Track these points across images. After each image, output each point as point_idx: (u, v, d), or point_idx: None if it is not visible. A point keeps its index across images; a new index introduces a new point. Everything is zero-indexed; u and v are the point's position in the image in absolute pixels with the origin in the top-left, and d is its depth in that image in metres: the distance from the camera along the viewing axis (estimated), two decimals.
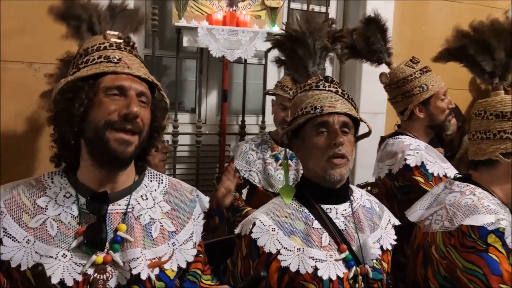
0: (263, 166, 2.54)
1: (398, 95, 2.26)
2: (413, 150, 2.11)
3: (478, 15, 3.95)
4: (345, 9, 3.58)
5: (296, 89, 1.57)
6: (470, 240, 1.41)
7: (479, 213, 1.44)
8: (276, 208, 1.45)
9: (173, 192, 1.36)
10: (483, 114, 1.62)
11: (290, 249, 1.35)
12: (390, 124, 3.24)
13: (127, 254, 1.18)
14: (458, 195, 1.55)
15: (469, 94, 3.99)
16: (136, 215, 1.25)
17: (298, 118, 1.47)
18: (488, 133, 1.59)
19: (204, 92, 3.23)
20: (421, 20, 3.64)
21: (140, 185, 1.31)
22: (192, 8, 2.83)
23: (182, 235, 1.30)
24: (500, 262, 1.38)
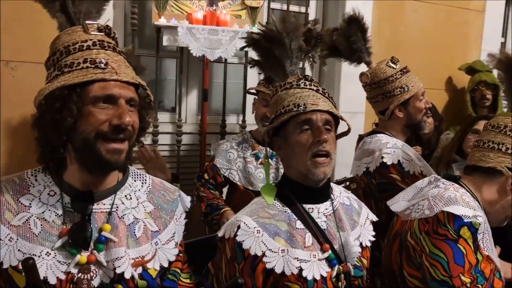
0: (244, 165, 2.55)
1: (378, 95, 2.28)
2: (390, 149, 2.14)
3: (453, 16, 4.06)
4: (324, 9, 3.60)
5: (276, 88, 1.55)
6: (444, 228, 1.46)
7: (459, 204, 1.49)
8: (259, 209, 1.44)
9: (156, 192, 1.36)
10: (502, 127, 1.67)
11: (275, 251, 1.35)
12: (369, 124, 3.28)
13: (111, 253, 1.19)
14: (442, 190, 1.60)
15: (446, 93, 4.07)
16: (120, 215, 1.25)
17: (280, 116, 1.46)
18: (500, 145, 1.64)
19: (184, 91, 3.22)
20: (399, 21, 3.70)
21: (125, 185, 1.31)
22: (172, 7, 2.82)
23: (165, 235, 1.31)
24: (466, 254, 1.43)
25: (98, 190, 1.24)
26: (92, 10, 1.31)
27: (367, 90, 2.36)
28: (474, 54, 4.05)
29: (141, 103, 1.26)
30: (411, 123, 2.28)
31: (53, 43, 1.25)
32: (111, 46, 1.23)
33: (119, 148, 1.17)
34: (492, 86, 3.65)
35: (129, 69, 1.24)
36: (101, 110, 1.15)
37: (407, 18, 3.76)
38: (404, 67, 2.27)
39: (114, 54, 1.22)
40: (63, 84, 1.14)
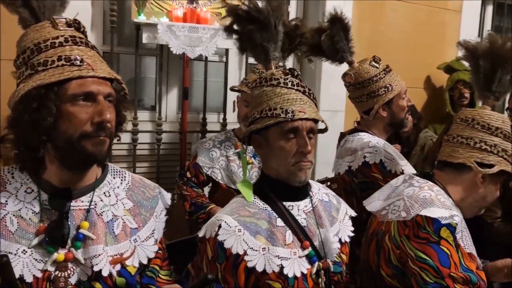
0: (226, 163, 2.54)
1: (363, 95, 2.28)
2: (372, 148, 2.16)
3: (431, 16, 4.11)
4: (305, 8, 3.61)
5: (260, 80, 1.50)
6: (424, 231, 1.47)
7: (435, 206, 1.50)
8: (239, 207, 1.43)
9: (135, 189, 1.36)
10: (470, 121, 1.67)
11: (256, 249, 1.35)
12: (349, 122, 3.30)
13: (89, 250, 1.18)
14: (416, 189, 1.60)
15: (424, 92, 4.12)
16: (99, 212, 1.24)
17: (266, 119, 1.43)
18: (469, 140, 1.65)
19: (164, 89, 3.19)
20: (379, 20, 3.73)
21: (104, 182, 1.30)
22: (152, 5, 2.79)
23: (144, 232, 1.31)
24: (450, 254, 1.45)
25: (77, 188, 1.23)
26: (56, 3, 1.28)
27: (351, 90, 2.36)
28: (452, 53, 4.11)
29: (117, 97, 1.26)
30: (395, 121, 2.30)
31: (20, 40, 1.22)
32: (83, 42, 1.21)
33: (103, 139, 1.17)
34: (470, 85, 3.70)
35: (104, 64, 1.23)
36: (81, 109, 1.14)
37: (387, 18, 3.80)
38: (387, 66, 2.28)
39: (87, 49, 1.21)
40: (40, 83, 1.12)
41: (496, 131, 1.63)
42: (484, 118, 1.65)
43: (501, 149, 1.62)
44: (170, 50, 2.78)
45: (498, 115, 1.67)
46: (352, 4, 3.52)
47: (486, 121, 1.65)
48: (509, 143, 1.63)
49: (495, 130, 1.63)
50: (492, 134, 1.63)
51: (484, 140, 1.63)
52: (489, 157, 1.61)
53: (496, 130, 1.63)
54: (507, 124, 1.66)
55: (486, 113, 1.67)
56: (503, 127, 1.64)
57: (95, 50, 1.24)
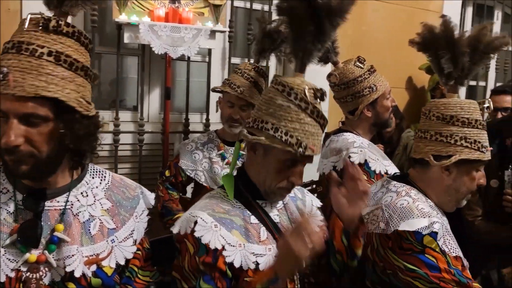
0: (209, 165, 2.51)
1: (348, 95, 2.28)
2: (357, 148, 2.17)
3: (413, 17, 4.15)
4: None
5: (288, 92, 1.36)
6: (407, 242, 1.46)
7: (414, 217, 1.48)
8: (213, 204, 1.41)
9: (115, 189, 1.35)
10: (427, 113, 1.65)
11: (233, 245, 1.34)
12: (333, 122, 3.30)
13: (62, 251, 1.18)
14: (394, 196, 1.59)
15: (406, 92, 4.16)
16: (75, 212, 1.23)
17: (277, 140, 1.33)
18: (426, 133, 1.62)
19: (147, 89, 3.16)
20: (361, 20, 3.75)
21: (81, 182, 1.29)
22: (134, 4, 2.76)
23: (122, 232, 1.30)
24: (436, 260, 1.44)
25: (52, 188, 1.22)
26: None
27: (336, 91, 2.36)
28: None
29: (62, 116, 1.13)
30: (379, 121, 2.32)
31: None
32: (29, 49, 1.10)
33: (17, 159, 1.10)
34: None
35: (43, 77, 1.09)
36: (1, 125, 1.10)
37: (369, 18, 3.82)
38: (371, 67, 2.29)
39: (27, 60, 1.09)
40: None
41: (451, 120, 1.58)
42: (440, 108, 1.61)
43: (459, 137, 1.56)
44: (152, 50, 2.75)
45: (456, 102, 1.61)
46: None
47: (440, 111, 1.61)
48: (470, 129, 1.57)
49: (450, 119, 1.58)
50: (448, 123, 1.58)
51: (439, 131, 1.59)
52: (446, 148, 1.57)
53: (451, 119, 1.58)
54: (469, 109, 1.59)
55: (442, 102, 1.62)
56: (459, 114, 1.58)
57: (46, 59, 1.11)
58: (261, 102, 1.42)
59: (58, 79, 1.12)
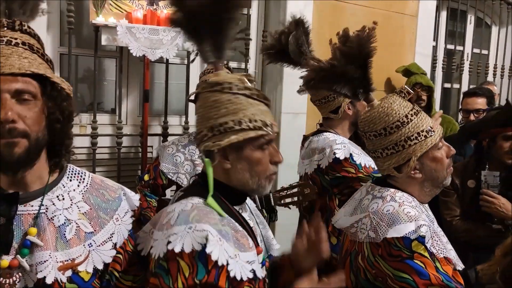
0: (192, 168, 2.50)
1: (329, 94, 2.33)
2: (340, 144, 2.22)
3: (390, 20, 4.21)
4: (266, 11, 3.63)
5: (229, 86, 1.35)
6: (396, 249, 1.46)
7: (401, 222, 1.48)
8: (207, 214, 1.30)
9: (94, 192, 1.31)
10: (364, 135, 1.66)
11: (232, 257, 1.26)
12: (310, 124, 3.34)
13: (35, 257, 1.15)
14: (380, 202, 1.59)
15: (385, 94, 4.20)
16: (50, 216, 1.20)
17: (247, 131, 1.33)
18: (376, 152, 1.64)
19: (125, 92, 3.14)
20: (339, 23, 3.79)
21: (57, 185, 1.25)
22: (111, 6, 2.74)
23: (101, 236, 1.27)
24: (425, 266, 1.44)
25: (26, 191, 1.19)
26: None
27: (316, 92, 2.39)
28: (409, 57, 4.22)
29: (48, 93, 1.18)
30: (357, 120, 2.36)
31: None
32: (3, 40, 1.16)
33: (11, 141, 1.10)
34: (427, 88, 3.83)
35: (26, 59, 1.15)
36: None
37: (347, 21, 3.86)
38: None
39: (7, 48, 1.15)
40: None
41: (385, 131, 1.58)
42: (370, 125, 1.61)
43: (403, 140, 1.56)
44: (130, 52, 2.73)
45: (379, 112, 1.59)
46: (312, 7, 3.56)
47: (372, 129, 1.61)
48: (406, 127, 1.56)
49: (384, 131, 1.58)
50: (386, 135, 1.58)
51: (384, 146, 1.60)
52: (401, 156, 1.58)
53: (385, 131, 1.58)
54: (392, 111, 1.58)
55: (367, 120, 1.62)
56: (389, 122, 1.57)
57: (23, 47, 1.18)
58: (206, 111, 1.37)
59: (37, 63, 1.18)
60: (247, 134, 1.33)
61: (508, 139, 2.41)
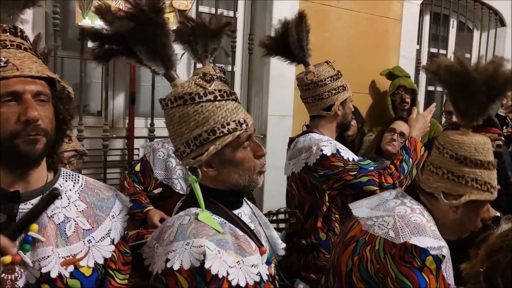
0: (184, 172, 2.50)
1: (324, 92, 2.35)
2: (326, 141, 2.25)
3: (374, 24, 4.27)
4: (252, 13, 3.66)
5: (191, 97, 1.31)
6: (410, 256, 1.47)
7: (426, 235, 1.49)
8: (203, 227, 1.30)
9: (89, 191, 1.35)
10: (441, 149, 1.64)
11: (232, 266, 1.26)
12: (297, 126, 3.37)
13: (37, 253, 1.17)
14: (408, 210, 1.60)
15: (369, 97, 4.26)
16: (50, 214, 1.23)
17: (223, 137, 1.32)
18: (438, 169, 1.63)
19: (111, 94, 3.13)
20: (324, 27, 3.83)
21: (55, 185, 1.29)
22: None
23: (99, 232, 1.31)
24: (429, 283, 1.46)
25: (26, 190, 1.22)
26: None
27: (311, 88, 2.39)
28: (394, 60, 4.28)
29: (58, 95, 1.26)
30: (344, 121, 2.44)
31: None
32: (14, 44, 1.22)
33: (34, 138, 1.16)
34: (410, 91, 3.88)
35: (36, 63, 1.22)
36: (8, 109, 1.14)
37: (332, 25, 3.91)
38: (338, 71, 2.41)
39: (18, 51, 1.21)
40: None
41: (465, 161, 1.57)
42: (454, 146, 1.60)
43: (470, 178, 1.56)
44: None
45: (471, 142, 1.59)
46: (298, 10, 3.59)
47: (454, 150, 1.59)
48: (482, 170, 1.57)
49: (464, 159, 1.57)
50: (461, 163, 1.57)
51: (451, 170, 1.59)
52: (457, 188, 1.58)
53: (464, 160, 1.57)
54: (483, 150, 1.58)
55: (457, 140, 1.60)
56: (473, 155, 1.57)
57: (31, 52, 1.24)
58: (176, 127, 1.35)
59: (45, 67, 1.25)
60: (224, 140, 1.32)
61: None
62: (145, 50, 1.38)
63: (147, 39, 1.36)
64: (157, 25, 1.36)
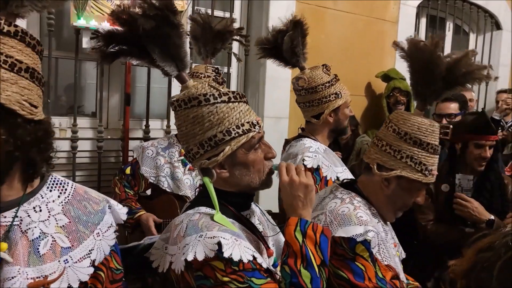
0: (171, 170, 2.50)
1: (314, 99, 2.34)
2: (312, 153, 2.23)
3: (370, 26, 4.27)
4: (248, 14, 3.65)
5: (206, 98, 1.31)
6: (341, 248, 1.50)
7: (351, 224, 1.51)
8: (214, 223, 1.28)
9: (76, 203, 1.23)
10: (388, 123, 1.67)
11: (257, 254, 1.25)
12: (293, 128, 3.36)
13: (3, 272, 1.06)
14: (338, 202, 1.62)
15: (365, 99, 4.27)
16: (24, 229, 1.12)
17: (238, 138, 1.32)
18: (379, 141, 1.66)
19: (106, 95, 3.11)
20: (320, 29, 3.82)
21: (35, 196, 1.17)
22: (92, 8, 2.72)
23: (79, 252, 1.17)
24: (365, 269, 1.48)
25: (1, 201, 1.11)
26: None
27: (302, 95, 2.39)
28: (389, 62, 4.28)
29: (7, 121, 1.07)
30: (338, 128, 2.40)
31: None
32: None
33: None
34: (406, 92, 3.89)
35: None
36: None
37: (328, 27, 3.90)
38: (335, 75, 2.37)
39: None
40: None
41: (405, 136, 1.60)
42: (399, 121, 1.63)
43: (406, 155, 1.59)
44: None
45: (416, 120, 1.61)
46: (294, 12, 3.59)
47: (397, 125, 1.63)
48: (420, 150, 1.59)
49: (404, 135, 1.60)
50: (401, 138, 1.60)
51: (390, 143, 1.62)
52: (391, 162, 1.61)
53: (405, 135, 1.60)
54: (426, 131, 1.60)
55: (403, 116, 1.64)
56: (414, 133, 1.59)
57: None
58: (190, 128, 1.34)
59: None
60: (239, 141, 1.32)
61: (479, 147, 2.46)
62: (159, 51, 1.36)
63: (162, 39, 1.34)
64: (172, 25, 1.34)
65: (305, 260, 1.28)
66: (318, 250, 1.31)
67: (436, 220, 2.58)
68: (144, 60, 1.41)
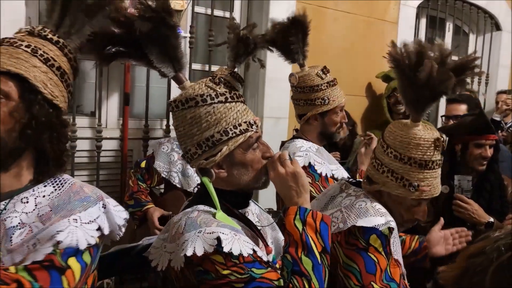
0: (183, 167, 2.57)
1: (301, 99, 2.35)
2: (302, 152, 2.25)
3: (371, 26, 4.26)
4: (248, 14, 3.64)
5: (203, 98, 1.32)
6: (354, 238, 1.49)
7: (371, 215, 1.50)
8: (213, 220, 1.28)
9: (64, 195, 1.19)
10: (382, 134, 1.63)
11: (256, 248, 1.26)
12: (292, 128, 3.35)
13: None
14: (353, 198, 1.61)
15: (366, 100, 4.26)
16: (4, 217, 1.11)
17: (235, 138, 1.32)
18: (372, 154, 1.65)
19: (105, 95, 3.10)
20: (321, 29, 3.82)
21: (28, 190, 1.17)
22: None
23: (46, 233, 1.09)
24: (378, 261, 1.46)
25: None
26: None
27: (293, 91, 2.43)
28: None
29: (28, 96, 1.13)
30: (325, 132, 2.39)
31: None
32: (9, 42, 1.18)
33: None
34: None
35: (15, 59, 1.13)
36: None
37: (329, 27, 3.90)
38: (332, 80, 2.34)
39: (5, 48, 1.15)
40: None
41: (387, 150, 1.57)
42: (386, 134, 1.60)
43: (387, 169, 1.56)
44: None
45: (401, 133, 1.55)
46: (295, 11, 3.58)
47: (384, 138, 1.60)
48: (401, 165, 1.54)
49: (386, 148, 1.57)
50: (384, 152, 1.58)
51: (376, 157, 1.61)
52: (376, 175, 1.59)
53: (387, 149, 1.57)
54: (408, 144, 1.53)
55: (391, 129, 1.59)
56: (393, 147, 1.55)
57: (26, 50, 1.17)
58: (187, 128, 1.34)
59: (29, 65, 1.15)
60: (237, 141, 1.33)
61: (479, 146, 2.45)
62: (157, 52, 1.36)
63: (159, 41, 1.35)
64: (169, 27, 1.34)
65: (306, 248, 1.28)
66: (319, 237, 1.30)
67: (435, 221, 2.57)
68: (142, 62, 1.41)
